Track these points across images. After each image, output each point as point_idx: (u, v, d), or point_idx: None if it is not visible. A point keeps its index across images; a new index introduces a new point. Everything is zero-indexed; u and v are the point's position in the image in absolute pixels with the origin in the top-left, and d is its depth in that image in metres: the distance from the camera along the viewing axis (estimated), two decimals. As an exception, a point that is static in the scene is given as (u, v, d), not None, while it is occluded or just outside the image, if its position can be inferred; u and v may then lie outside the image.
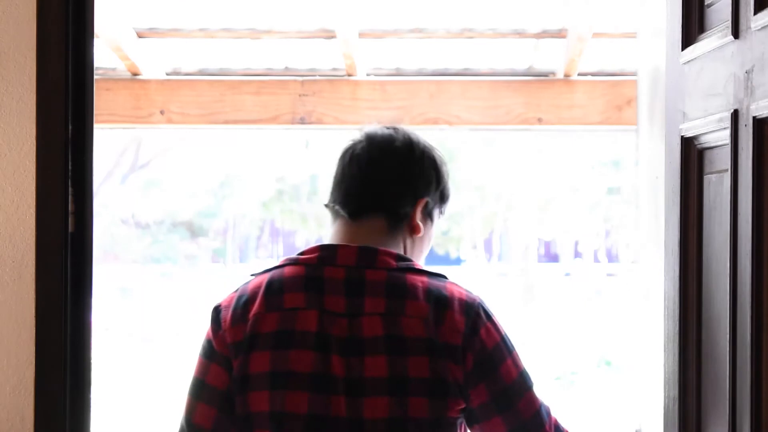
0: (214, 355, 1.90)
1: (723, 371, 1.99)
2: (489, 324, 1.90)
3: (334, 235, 1.95)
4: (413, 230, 1.98)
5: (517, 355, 1.93)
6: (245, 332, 1.85)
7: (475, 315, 1.89)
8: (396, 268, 1.88)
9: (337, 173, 1.99)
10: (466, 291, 1.92)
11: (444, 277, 1.94)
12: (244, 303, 1.88)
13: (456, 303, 1.87)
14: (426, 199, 1.98)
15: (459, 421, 1.86)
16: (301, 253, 1.92)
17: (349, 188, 1.95)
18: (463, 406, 1.84)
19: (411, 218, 1.97)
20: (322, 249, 1.90)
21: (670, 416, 2.29)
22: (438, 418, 1.81)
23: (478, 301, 1.92)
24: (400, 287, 1.85)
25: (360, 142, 1.99)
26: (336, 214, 1.97)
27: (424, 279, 1.89)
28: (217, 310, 1.93)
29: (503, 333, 1.93)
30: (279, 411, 1.81)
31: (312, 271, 1.87)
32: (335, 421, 1.80)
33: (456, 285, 1.93)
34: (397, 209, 1.95)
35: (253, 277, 1.94)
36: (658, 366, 2.50)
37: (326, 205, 1.99)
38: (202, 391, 1.90)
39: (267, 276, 1.90)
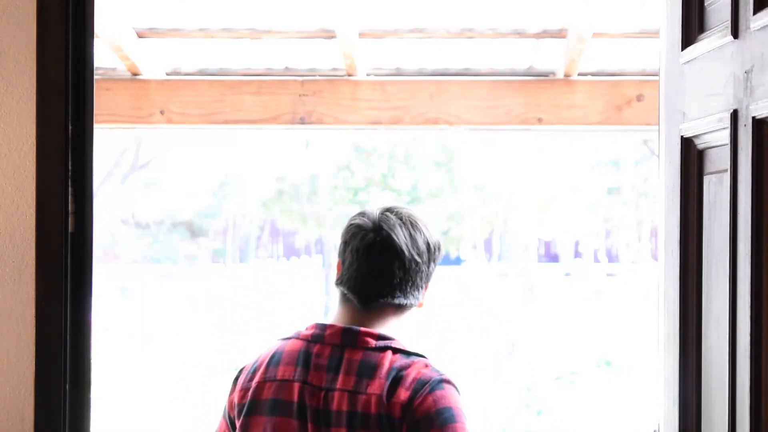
0: (225, 414, 2.22)
1: (723, 371, 1.99)
2: (429, 396, 2.02)
3: (340, 317, 2.16)
4: (418, 306, 2.20)
5: (458, 429, 2.00)
6: (247, 397, 2.13)
7: (419, 388, 2.03)
8: (374, 347, 2.08)
9: (346, 257, 2.17)
10: (431, 371, 2.07)
11: (420, 356, 2.10)
12: (253, 370, 2.16)
13: (409, 380, 2.04)
14: (431, 280, 2.20)
15: None
16: (306, 329, 2.16)
17: (364, 281, 2.13)
18: None
19: (420, 302, 2.19)
20: (317, 327, 2.14)
21: (670, 416, 2.29)
22: None
23: (437, 378, 2.05)
24: (369, 366, 2.05)
25: (374, 232, 2.14)
26: (345, 298, 2.17)
27: (395, 358, 2.07)
28: (239, 372, 2.22)
29: (444, 406, 2.02)
30: None
31: (306, 346, 2.12)
32: None
33: (425, 366, 2.08)
34: (410, 301, 2.16)
35: (280, 340, 2.19)
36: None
37: (336, 285, 2.17)
38: None
39: (275, 347, 2.17)
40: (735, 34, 1.96)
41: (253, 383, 2.12)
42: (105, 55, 4.67)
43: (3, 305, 2.20)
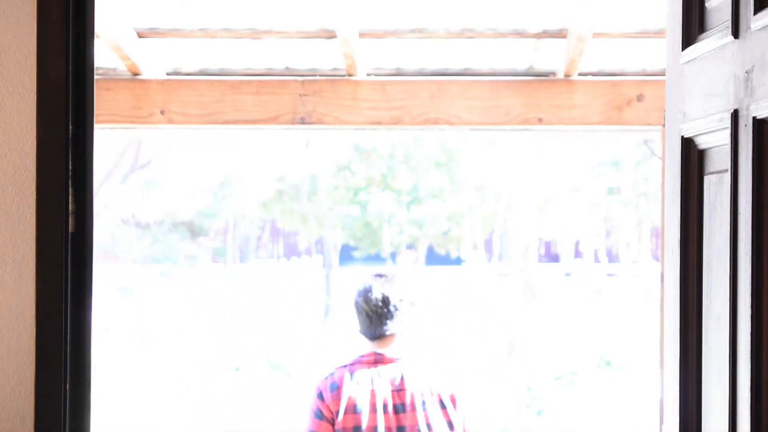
0: (323, 417, 3.43)
1: (723, 370, 1.99)
2: (461, 385, 3.48)
3: (375, 347, 3.49)
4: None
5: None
6: (339, 405, 3.39)
7: (456, 382, 3.47)
8: (415, 361, 3.45)
9: (358, 313, 3.52)
10: (450, 373, 3.49)
11: (436, 363, 3.49)
12: (336, 388, 3.41)
13: (449, 376, 3.46)
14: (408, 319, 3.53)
15: None
16: (362, 356, 3.45)
17: (367, 329, 3.50)
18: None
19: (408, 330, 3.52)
20: (376, 354, 3.46)
21: (670, 416, 2.29)
22: None
23: (457, 376, 3.49)
24: (419, 372, 3.43)
25: (368, 287, 3.51)
26: (365, 338, 3.52)
27: (427, 365, 3.45)
28: (320, 391, 3.45)
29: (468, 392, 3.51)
30: None
31: (372, 366, 3.44)
32: None
33: (447, 370, 3.48)
34: (399, 330, 3.49)
35: (337, 369, 3.46)
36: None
37: (361, 333, 3.52)
38: None
39: (345, 371, 3.44)
40: (735, 34, 1.96)
41: (341, 395, 3.39)
42: (105, 55, 4.67)
43: (3, 305, 2.20)
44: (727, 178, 2.00)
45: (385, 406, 3.37)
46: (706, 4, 2.16)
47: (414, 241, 19.98)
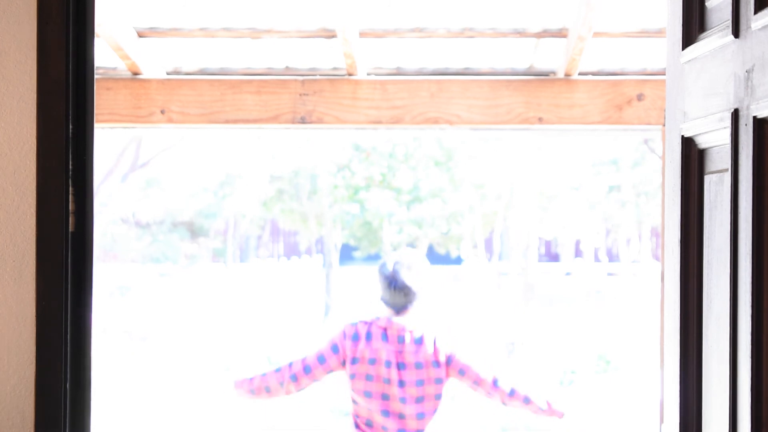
0: (338, 352, 4.19)
1: (723, 370, 1.99)
2: (458, 346, 4.26)
3: (390, 314, 4.21)
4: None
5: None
6: (355, 354, 4.15)
7: (450, 343, 4.21)
8: (417, 330, 4.18)
9: (381, 288, 4.23)
10: (438, 338, 4.22)
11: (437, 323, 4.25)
12: (357, 339, 4.18)
13: (440, 342, 4.19)
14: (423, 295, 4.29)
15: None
16: (378, 319, 4.17)
17: (391, 301, 4.22)
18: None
19: (423, 304, 4.25)
20: (388, 320, 4.17)
21: (670, 416, 2.29)
22: (438, 393, 4.17)
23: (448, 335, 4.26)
24: (420, 338, 4.17)
25: (392, 273, 4.22)
26: (386, 307, 4.23)
27: (430, 329, 4.19)
28: (344, 334, 4.19)
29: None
30: (367, 390, 4.16)
31: (384, 329, 4.17)
32: (393, 397, 4.13)
33: (434, 334, 4.22)
34: (416, 304, 4.22)
35: (361, 323, 4.20)
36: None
37: (381, 300, 4.24)
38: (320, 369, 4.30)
39: (366, 328, 4.19)
40: (736, 33, 1.96)
41: (358, 347, 4.13)
42: (105, 55, 4.67)
43: (3, 305, 2.20)
44: (727, 177, 2.00)
45: (389, 362, 4.12)
46: (707, 4, 2.16)
47: (414, 241, 19.98)
